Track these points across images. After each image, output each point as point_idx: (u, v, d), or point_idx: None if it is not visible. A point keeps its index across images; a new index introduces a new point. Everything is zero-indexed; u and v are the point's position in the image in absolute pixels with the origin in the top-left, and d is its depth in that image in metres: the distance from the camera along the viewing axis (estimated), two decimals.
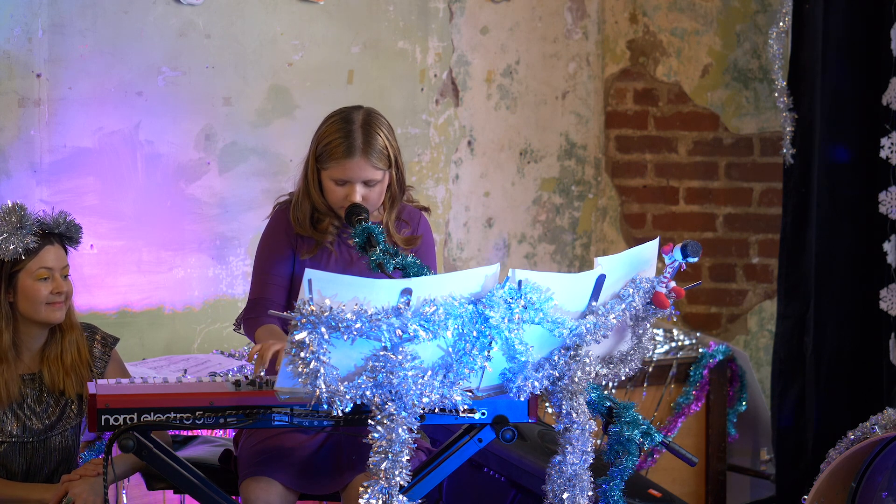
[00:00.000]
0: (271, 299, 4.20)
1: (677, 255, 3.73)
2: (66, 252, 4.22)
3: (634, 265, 3.74)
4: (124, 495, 4.67)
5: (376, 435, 3.39)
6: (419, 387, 3.39)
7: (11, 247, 4.09)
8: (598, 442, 3.90)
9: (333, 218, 4.21)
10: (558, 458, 3.61)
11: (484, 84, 6.05)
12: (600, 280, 3.63)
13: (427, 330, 3.37)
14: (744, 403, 5.95)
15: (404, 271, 3.83)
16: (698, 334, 6.02)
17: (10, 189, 5.01)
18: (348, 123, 4.14)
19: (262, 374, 3.83)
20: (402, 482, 3.39)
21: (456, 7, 5.94)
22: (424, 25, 5.86)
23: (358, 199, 4.10)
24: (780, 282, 5.71)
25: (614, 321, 3.64)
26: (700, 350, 5.85)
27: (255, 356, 3.92)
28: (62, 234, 4.20)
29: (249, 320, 4.21)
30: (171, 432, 4.39)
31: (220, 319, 5.42)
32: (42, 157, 5.09)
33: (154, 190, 5.32)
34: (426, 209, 4.33)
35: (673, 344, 5.89)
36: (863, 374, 5.46)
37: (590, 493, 3.65)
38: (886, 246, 5.32)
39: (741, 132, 6.26)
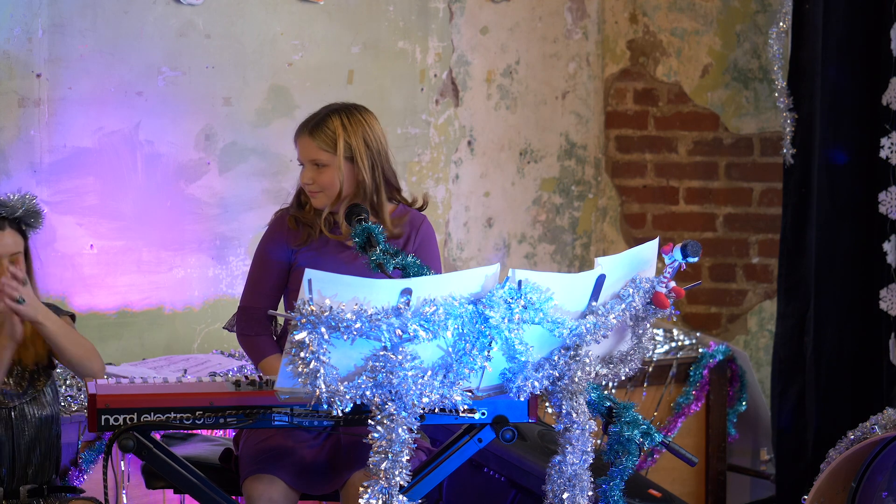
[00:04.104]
0: (261, 309, 4.24)
1: (677, 255, 3.73)
2: (26, 237, 4.18)
3: (634, 265, 3.74)
4: (124, 495, 4.66)
5: (376, 435, 3.39)
6: (419, 387, 3.39)
7: None
8: (598, 442, 3.90)
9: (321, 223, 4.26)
10: (558, 458, 3.61)
11: (484, 84, 6.05)
12: (600, 280, 3.63)
13: (427, 330, 3.37)
14: (744, 403, 5.95)
15: (404, 271, 3.83)
16: (698, 334, 6.02)
17: (9, 189, 4.99)
18: (322, 109, 4.27)
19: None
20: (402, 482, 3.39)
21: (456, 7, 5.94)
22: (424, 25, 5.86)
23: (307, 178, 4.20)
24: (780, 282, 5.71)
25: (614, 321, 3.64)
26: (700, 350, 5.85)
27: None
28: (20, 219, 4.17)
29: (246, 337, 4.26)
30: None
31: (220, 319, 5.41)
32: (42, 157, 5.09)
33: (154, 190, 5.32)
34: (425, 205, 4.35)
35: (673, 344, 5.89)
36: (863, 374, 5.45)
37: (590, 493, 3.65)
38: (886, 246, 5.31)
39: (741, 132, 6.25)
